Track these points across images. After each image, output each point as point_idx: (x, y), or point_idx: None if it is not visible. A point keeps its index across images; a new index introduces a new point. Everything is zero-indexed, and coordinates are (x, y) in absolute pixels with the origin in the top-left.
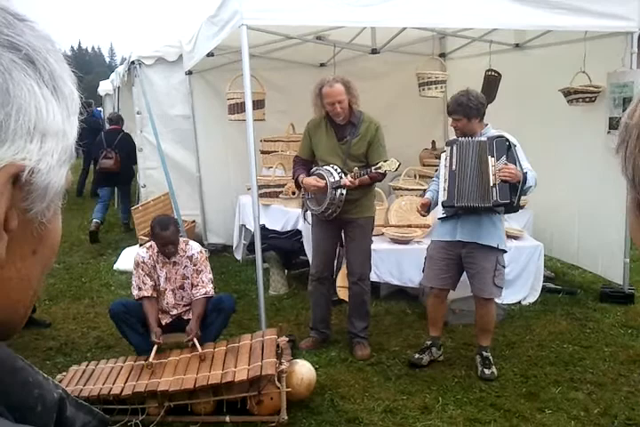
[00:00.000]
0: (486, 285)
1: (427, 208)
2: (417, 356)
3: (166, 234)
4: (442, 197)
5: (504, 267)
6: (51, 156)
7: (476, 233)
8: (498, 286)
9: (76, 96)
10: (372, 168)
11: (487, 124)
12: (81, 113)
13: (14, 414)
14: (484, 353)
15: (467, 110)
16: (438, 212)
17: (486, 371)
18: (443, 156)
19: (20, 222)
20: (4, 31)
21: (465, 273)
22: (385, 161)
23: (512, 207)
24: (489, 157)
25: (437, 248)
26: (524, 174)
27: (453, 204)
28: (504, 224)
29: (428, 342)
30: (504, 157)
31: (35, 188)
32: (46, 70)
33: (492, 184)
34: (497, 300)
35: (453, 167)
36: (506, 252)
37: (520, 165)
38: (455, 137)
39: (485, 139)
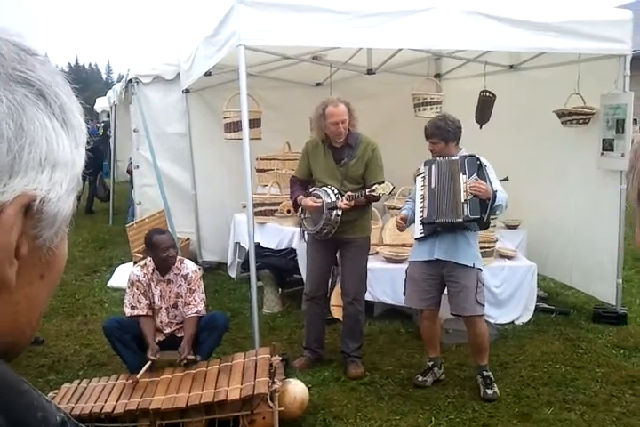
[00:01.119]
0: (468, 303)
1: (405, 220)
2: (420, 378)
3: (165, 237)
4: (419, 215)
5: (484, 285)
6: (60, 185)
7: (453, 252)
8: (480, 304)
9: (83, 127)
10: (367, 191)
11: (462, 148)
12: (87, 142)
13: None
14: (485, 373)
15: (444, 134)
16: (415, 232)
17: (489, 391)
18: (419, 178)
19: (29, 249)
20: (17, 67)
21: (446, 291)
22: (379, 184)
23: (483, 223)
24: (461, 174)
25: (417, 269)
26: (495, 193)
27: (433, 220)
28: (478, 243)
29: (430, 364)
30: (475, 175)
31: (45, 216)
32: (56, 104)
33: (463, 200)
34: (490, 320)
35: (432, 185)
36: (481, 270)
37: (491, 184)
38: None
39: (458, 157)
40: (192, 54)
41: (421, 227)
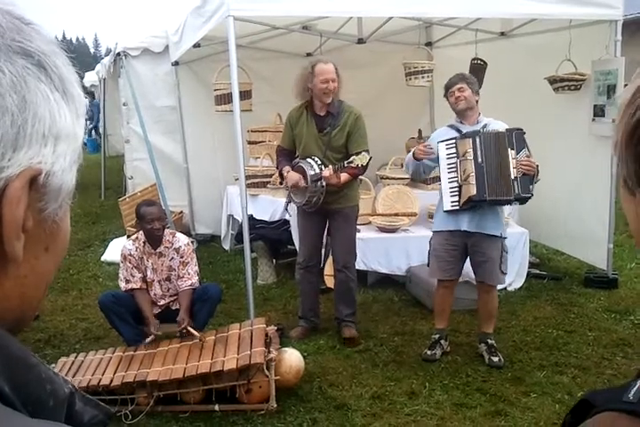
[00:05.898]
0: (494, 273)
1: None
2: (429, 352)
3: (151, 209)
4: (448, 186)
5: (507, 252)
6: (63, 158)
7: (481, 223)
8: (503, 273)
9: (82, 98)
10: (345, 162)
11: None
12: (87, 115)
13: (28, 409)
14: (489, 341)
15: (470, 82)
16: (445, 204)
17: (494, 359)
18: (442, 145)
19: (34, 222)
20: (16, 37)
21: (469, 261)
22: (357, 155)
23: (525, 200)
24: (509, 149)
25: (441, 240)
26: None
27: (485, 198)
28: (504, 212)
29: (436, 337)
30: (524, 150)
31: (49, 189)
32: (56, 75)
33: (513, 177)
34: None
35: (479, 160)
36: (506, 238)
37: None
38: (454, 123)
39: (504, 130)
40: (180, 26)
41: (456, 200)
